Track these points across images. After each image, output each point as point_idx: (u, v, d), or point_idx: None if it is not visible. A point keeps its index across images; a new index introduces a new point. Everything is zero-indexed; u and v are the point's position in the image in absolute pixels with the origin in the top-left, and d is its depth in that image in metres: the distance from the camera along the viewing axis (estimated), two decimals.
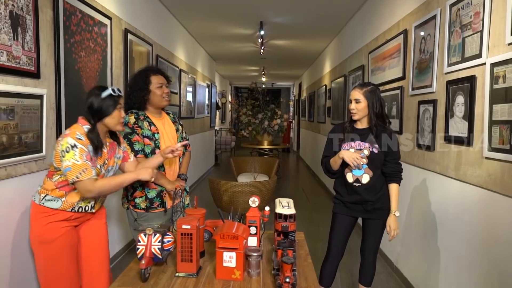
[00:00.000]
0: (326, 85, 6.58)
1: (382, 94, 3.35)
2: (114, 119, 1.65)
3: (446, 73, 2.23)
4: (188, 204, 2.14)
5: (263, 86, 13.06)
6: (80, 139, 1.56)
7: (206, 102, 7.75)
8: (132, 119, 1.97)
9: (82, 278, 1.73)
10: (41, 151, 2.00)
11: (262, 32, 5.32)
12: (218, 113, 11.74)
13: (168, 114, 2.19)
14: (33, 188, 1.98)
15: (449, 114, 2.19)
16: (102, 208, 1.86)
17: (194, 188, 5.61)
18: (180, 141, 2.13)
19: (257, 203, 1.45)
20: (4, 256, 1.79)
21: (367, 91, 2.02)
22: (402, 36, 2.95)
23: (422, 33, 2.60)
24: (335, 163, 2.05)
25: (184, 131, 2.23)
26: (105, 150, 1.70)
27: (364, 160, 1.99)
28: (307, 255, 1.47)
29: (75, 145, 1.54)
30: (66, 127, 2.15)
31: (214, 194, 3.55)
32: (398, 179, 2.07)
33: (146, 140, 1.97)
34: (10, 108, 1.77)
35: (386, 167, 2.04)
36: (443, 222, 2.28)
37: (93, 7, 2.58)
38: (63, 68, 2.22)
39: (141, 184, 1.97)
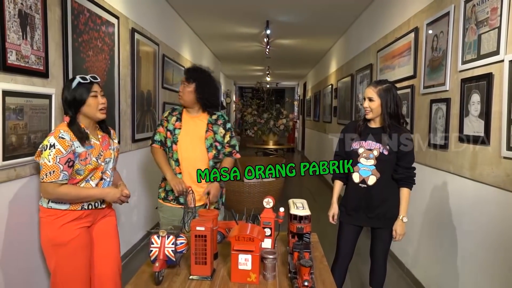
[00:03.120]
0: (332, 85, 6.53)
1: None
2: (91, 107, 1.62)
3: (461, 71, 2.18)
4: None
5: (268, 86, 13.02)
6: (63, 137, 1.54)
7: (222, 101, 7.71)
8: (165, 113, 2.16)
9: (93, 281, 1.70)
10: None
11: (268, 31, 5.29)
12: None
13: (213, 114, 2.11)
14: None
15: (463, 112, 2.14)
16: (111, 209, 1.84)
17: None
18: (211, 145, 2.04)
19: (271, 204, 1.42)
20: (13, 256, 1.77)
21: (381, 89, 1.94)
22: (413, 34, 2.91)
23: (434, 31, 2.55)
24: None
25: (229, 136, 2.12)
26: (97, 142, 1.69)
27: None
28: (323, 257, 1.43)
29: (53, 145, 1.52)
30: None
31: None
32: (409, 184, 1.97)
33: (168, 133, 2.08)
34: (19, 108, 1.75)
35: (397, 172, 1.95)
36: (457, 223, 2.24)
37: (100, 6, 2.56)
38: (71, 67, 2.20)
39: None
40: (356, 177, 1.99)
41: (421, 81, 2.74)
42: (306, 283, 1.07)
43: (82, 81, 1.61)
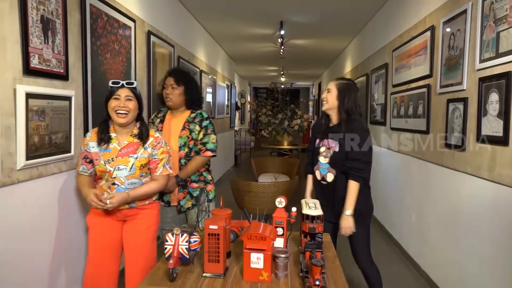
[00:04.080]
0: None
1: (407, 93, 3.29)
2: (110, 109, 1.74)
3: (478, 70, 2.13)
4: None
5: (282, 86, 13.00)
6: (85, 136, 1.82)
7: (226, 102, 7.77)
8: (152, 116, 2.31)
9: (125, 277, 1.81)
10: (69, 151, 2.05)
11: (282, 32, 5.29)
12: (237, 113, 11.77)
13: (192, 113, 2.20)
14: (62, 187, 2.03)
15: (481, 112, 2.10)
16: (150, 209, 1.86)
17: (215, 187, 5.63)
18: (184, 143, 2.11)
19: (283, 204, 1.43)
20: (32, 253, 1.84)
21: (342, 83, 1.99)
22: (429, 32, 2.86)
23: (451, 29, 2.51)
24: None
25: (203, 133, 2.14)
26: (117, 147, 1.75)
27: None
28: (335, 257, 1.43)
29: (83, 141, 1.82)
30: (93, 128, 2.22)
31: (236, 194, 3.54)
32: (355, 177, 1.89)
33: None
34: (41, 109, 1.82)
35: (344, 164, 1.92)
36: (476, 225, 2.19)
37: (118, 10, 2.62)
38: (90, 70, 2.26)
39: None
40: (317, 175, 2.04)
41: (437, 80, 2.70)
42: (317, 283, 1.08)
43: (111, 84, 1.75)
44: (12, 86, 1.65)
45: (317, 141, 2.06)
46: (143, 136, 1.80)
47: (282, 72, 10.79)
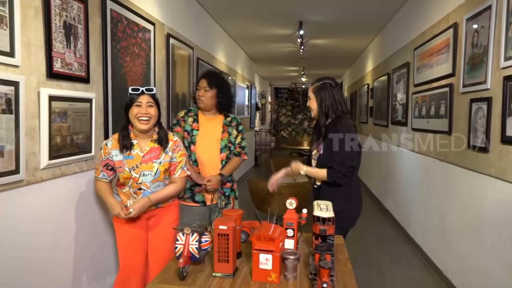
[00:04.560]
0: (368, 84, 6.36)
1: (429, 93, 3.20)
2: (132, 115, 1.77)
3: (503, 68, 2.05)
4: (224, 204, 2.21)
5: (303, 86, 12.90)
6: (106, 144, 1.81)
7: (246, 103, 7.81)
8: (181, 114, 2.27)
9: (149, 269, 1.90)
10: (90, 152, 2.12)
11: (301, 32, 5.26)
12: (258, 114, 11.80)
13: (227, 117, 2.26)
14: (84, 186, 2.11)
15: (506, 112, 2.01)
16: (172, 205, 1.95)
17: None
18: (225, 145, 2.18)
19: (294, 205, 1.42)
20: (55, 249, 1.92)
21: (316, 86, 1.95)
22: (451, 30, 2.77)
23: (474, 26, 2.42)
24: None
25: (241, 138, 2.26)
26: (140, 153, 1.79)
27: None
28: (347, 260, 1.41)
29: (101, 148, 1.83)
30: (113, 129, 2.31)
31: (253, 195, 3.56)
32: (329, 174, 1.85)
33: (185, 134, 2.19)
34: (63, 111, 1.90)
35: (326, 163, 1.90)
36: (500, 231, 2.10)
37: (138, 14, 2.70)
38: (110, 72, 2.34)
39: None
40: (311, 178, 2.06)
41: (460, 79, 2.61)
42: (324, 285, 1.07)
43: (131, 91, 1.78)
44: (36, 89, 1.74)
45: (314, 144, 2.08)
46: (163, 141, 1.84)
47: (302, 72, 10.72)
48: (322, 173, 1.89)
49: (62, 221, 1.95)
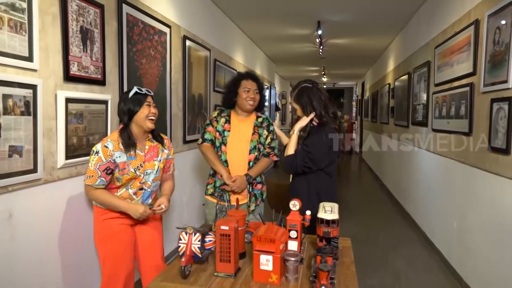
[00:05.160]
0: (389, 84, 6.21)
1: (449, 92, 3.09)
2: (142, 115, 1.74)
3: None
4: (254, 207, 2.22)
5: (324, 86, 12.76)
6: (106, 147, 1.69)
7: (266, 103, 7.81)
8: (214, 114, 2.25)
9: (142, 273, 1.86)
10: None
11: (319, 32, 5.21)
12: (278, 114, 11.77)
13: (259, 117, 2.24)
14: None
15: None
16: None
17: None
18: (254, 147, 2.17)
19: (297, 207, 1.42)
20: (71, 248, 2.00)
21: (295, 96, 1.95)
22: (472, 27, 2.66)
23: (496, 23, 2.32)
24: None
25: (271, 138, 2.23)
26: (141, 153, 1.78)
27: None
28: (351, 264, 1.39)
29: (97, 152, 1.68)
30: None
31: (268, 195, 3.55)
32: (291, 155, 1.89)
33: (217, 134, 2.20)
34: (80, 112, 1.97)
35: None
36: None
37: (153, 17, 2.76)
38: (126, 75, 2.41)
39: (214, 172, 2.20)
40: None
41: (481, 78, 2.50)
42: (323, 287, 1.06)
43: (138, 91, 1.76)
44: (53, 92, 1.82)
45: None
46: (159, 139, 1.88)
47: (323, 72, 10.60)
48: (289, 151, 1.91)
49: (78, 218, 2.03)
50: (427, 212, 3.77)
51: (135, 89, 1.76)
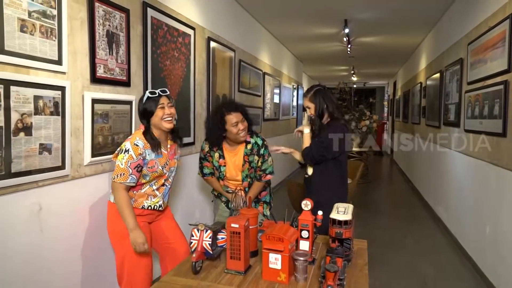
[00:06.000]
0: (421, 83, 5.98)
1: (482, 91, 2.93)
2: (157, 117, 1.80)
3: None
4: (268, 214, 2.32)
5: (354, 85, 12.48)
6: (137, 145, 1.74)
7: (293, 103, 7.78)
8: (206, 148, 2.26)
9: (166, 256, 1.96)
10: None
11: (346, 30, 5.12)
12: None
13: (248, 144, 2.20)
14: None
15: None
16: (167, 208, 2.05)
17: (278, 189, 5.69)
18: (246, 174, 2.22)
19: (309, 207, 1.40)
20: (97, 239, 2.09)
21: (311, 95, 2.14)
22: (508, 21, 2.51)
23: None
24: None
25: (261, 162, 2.21)
26: (165, 151, 1.87)
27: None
28: (364, 266, 1.36)
29: (128, 150, 1.73)
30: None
31: (290, 195, 3.55)
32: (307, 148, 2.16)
33: (214, 169, 2.28)
34: (105, 113, 2.07)
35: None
36: None
37: (177, 19, 2.83)
38: (150, 76, 2.49)
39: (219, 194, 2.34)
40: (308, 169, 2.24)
41: None
42: None
43: (150, 95, 1.81)
44: (80, 93, 1.92)
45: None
46: (178, 138, 1.96)
47: (352, 72, 10.38)
48: (305, 146, 2.17)
49: (103, 213, 2.12)
50: (459, 216, 3.60)
51: (147, 94, 1.81)
